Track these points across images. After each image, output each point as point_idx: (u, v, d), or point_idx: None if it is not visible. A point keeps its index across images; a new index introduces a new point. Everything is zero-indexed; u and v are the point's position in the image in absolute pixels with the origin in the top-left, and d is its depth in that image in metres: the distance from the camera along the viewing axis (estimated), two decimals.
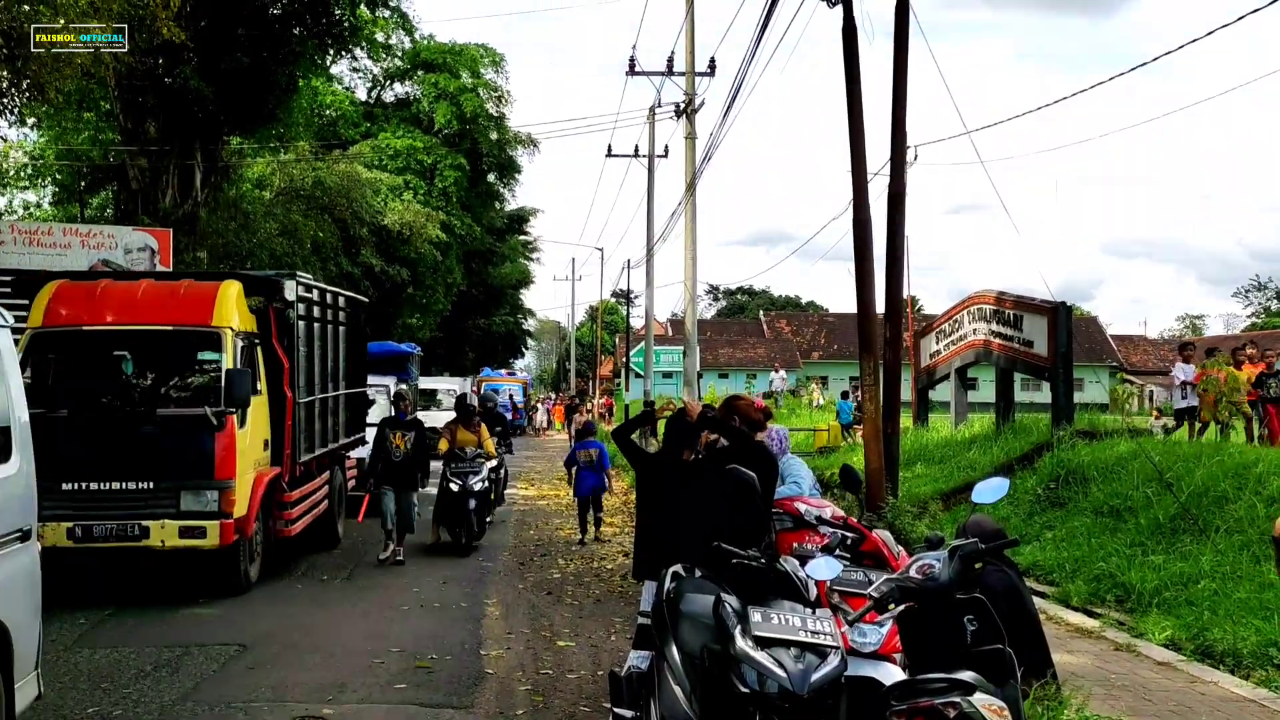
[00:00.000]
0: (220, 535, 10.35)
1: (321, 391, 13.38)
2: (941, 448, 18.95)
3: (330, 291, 14.40)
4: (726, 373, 66.94)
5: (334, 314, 14.20)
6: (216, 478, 10.41)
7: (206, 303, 11.03)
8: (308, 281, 13.00)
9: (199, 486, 10.37)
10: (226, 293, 11.20)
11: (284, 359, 11.94)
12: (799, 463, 7.73)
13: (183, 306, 11.09)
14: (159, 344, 11.34)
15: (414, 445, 13.42)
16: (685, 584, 5.50)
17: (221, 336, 10.83)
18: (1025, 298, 18.09)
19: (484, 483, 14.29)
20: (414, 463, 13.44)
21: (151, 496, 10.36)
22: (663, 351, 45.03)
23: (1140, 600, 9.79)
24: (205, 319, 10.92)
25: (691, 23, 26.67)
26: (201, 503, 10.36)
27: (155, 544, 10.31)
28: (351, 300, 15.71)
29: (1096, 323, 73.75)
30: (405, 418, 13.80)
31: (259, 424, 11.34)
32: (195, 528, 10.30)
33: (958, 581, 4.85)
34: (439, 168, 42.17)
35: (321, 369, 13.39)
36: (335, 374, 14.23)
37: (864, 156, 13.24)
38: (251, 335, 11.38)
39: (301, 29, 23.68)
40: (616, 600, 10.94)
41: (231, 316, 11.02)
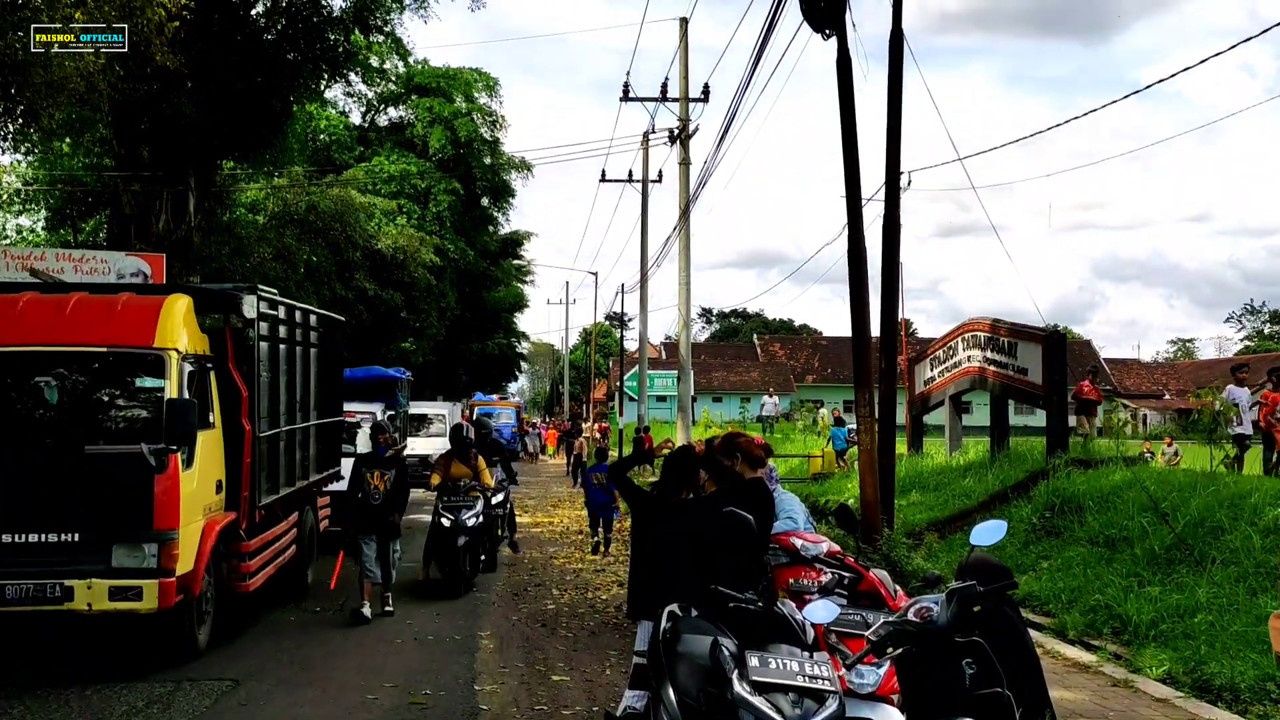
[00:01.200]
0: (159, 596, 8.73)
1: (289, 422, 11.97)
2: (936, 475, 18.93)
3: (299, 308, 12.86)
4: (720, 396, 67.01)
5: (304, 334, 12.85)
6: (155, 528, 8.80)
7: (148, 320, 9.43)
8: (271, 296, 11.41)
9: (134, 539, 8.79)
10: (172, 309, 9.61)
11: (242, 386, 10.41)
12: (792, 497, 7.71)
13: (120, 324, 9.45)
14: (90, 368, 9.48)
15: (394, 486, 11.79)
16: (682, 624, 5.47)
17: (165, 360, 9.22)
18: (1020, 325, 18.11)
19: (478, 518, 13.30)
20: (395, 506, 11.89)
21: (76, 551, 8.74)
22: (657, 375, 44.92)
23: (1137, 632, 9.75)
24: (146, 339, 9.30)
25: (685, 50, 26.78)
26: (137, 558, 8.77)
27: (80, 607, 8.67)
28: (325, 319, 14.33)
29: (1090, 346, 73.95)
30: (385, 453, 12.18)
31: (210, 462, 9.80)
32: (129, 588, 8.70)
33: (956, 624, 4.83)
34: (433, 192, 42.17)
35: (289, 396, 12.02)
36: (305, 402, 12.84)
37: (859, 188, 13.28)
38: (203, 359, 9.95)
39: (296, 54, 23.66)
40: (611, 633, 10.88)
41: (177, 336, 9.43)
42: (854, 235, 13.19)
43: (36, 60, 13.79)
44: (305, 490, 12.96)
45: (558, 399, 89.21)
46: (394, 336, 38.31)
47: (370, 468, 11.82)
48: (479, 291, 48.87)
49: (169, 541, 8.86)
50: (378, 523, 11.67)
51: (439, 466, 13.86)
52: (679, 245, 26.71)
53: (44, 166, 29.65)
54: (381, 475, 11.74)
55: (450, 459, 13.91)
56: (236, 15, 21.89)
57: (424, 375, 42.10)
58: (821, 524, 11.86)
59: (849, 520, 7.57)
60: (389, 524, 11.73)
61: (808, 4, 12.87)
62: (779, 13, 14.56)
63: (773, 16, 14.74)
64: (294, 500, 12.44)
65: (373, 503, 11.65)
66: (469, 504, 13.30)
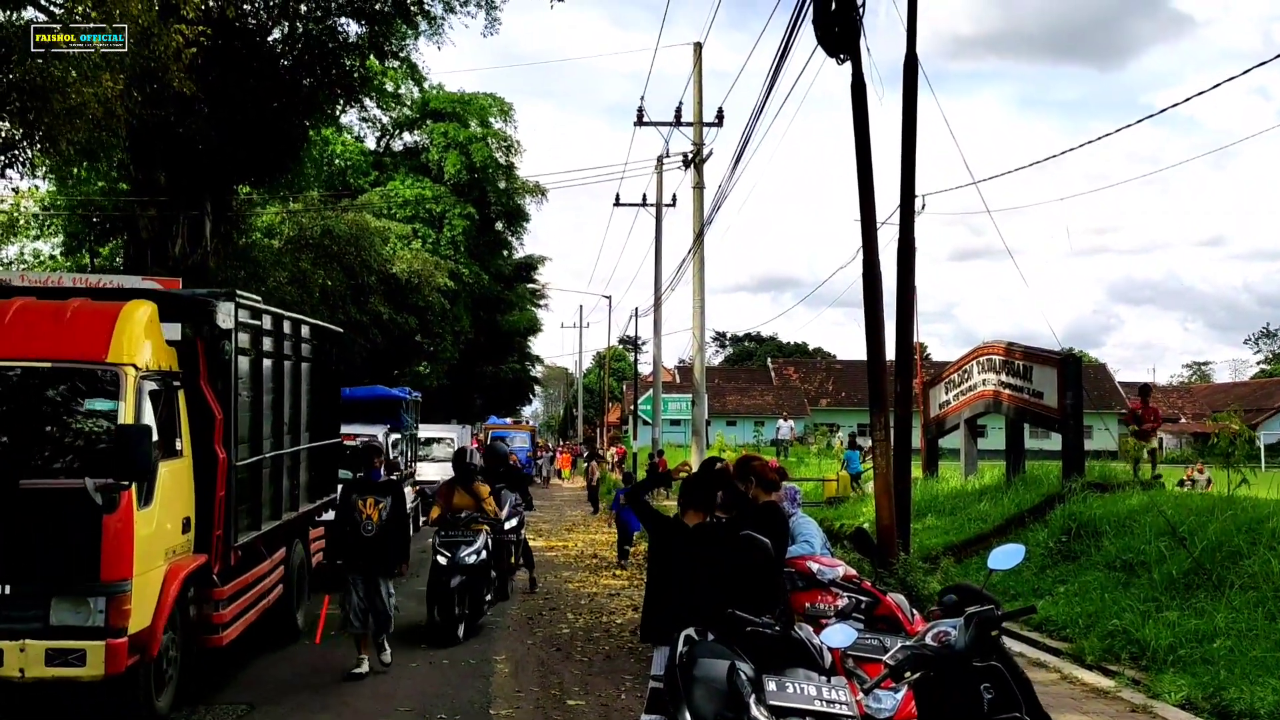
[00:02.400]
0: (107, 661, 7.27)
1: (274, 447, 10.64)
2: (952, 498, 18.87)
3: (287, 318, 11.46)
4: (734, 420, 66.90)
5: (293, 347, 11.49)
6: (103, 579, 7.33)
7: (101, 330, 8.02)
8: (252, 304, 10.05)
9: (77, 591, 7.34)
10: (130, 317, 8.21)
11: (216, 407, 9.00)
12: (809, 521, 7.72)
13: (68, 335, 8.06)
14: (30, 387, 7.98)
15: (390, 516, 10.15)
16: (699, 648, 5.46)
17: (119, 377, 7.81)
18: (1034, 349, 18.07)
19: (478, 554, 11.87)
20: (390, 540, 10.18)
21: (7, 606, 7.34)
22: (670, 399, 45.00)
23: (1155, 657, 9.69)
24: (97, 352, 7.89)
25: (699, 74, 26.87)
26: (80, 615, 7.32)
27: (11, 674, 7.26)
28: (319, 330, 12.83)
29: (1105, 369, 73.72)
30: (379, 478, 10.53)
31: (176, 498, 8.39)
32: (70, 651, 7.25)
33: (974, 649, 4.81)
34: (448, 216, 42.34)
35: (275, 418, 10.67)
36: (295, 423, 11.52)
37: (874, 212, 13.29)
38: (169, 375, 8.54)
39: (312, 80, 23.83)
40: (626, 657, 10.85)
41: (136, 349, 8.06)
42: (869, 259, 13.19)
43: (55, 86, 13.91)
44: (294, 523, 11.62)
45: (571, 423, 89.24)
46: (408, 360, 38.42)
47: (361, 494, 10.19)
48: (493, 315, 49.00)
49: (119, 594, 7.38)
50: (369, 558, 10.04)
51: (440, 497, 12.71)
52: (693, 269, 26.74)
53: (62, 191, 29.87)
54: (375, 503, 10.11)
55: (453, 488, 12.66)
56: (253, 41, 22.06)
57: (438, 399, 42.17)
58: (838, 548, 11.82)
59: (865, 544, 7.57)
60: (383, 558, 10.12)
61: (822, 29, 12.90)
62: (793, 38, 14.63)
63: (787, 41, 14.82)
64: (280, 535, 11.01)
65: (364, 534, 10.03)
66: (468, 539, 11.96)
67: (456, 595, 11.54)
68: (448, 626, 11.47)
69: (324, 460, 13.00)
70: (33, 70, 13.91)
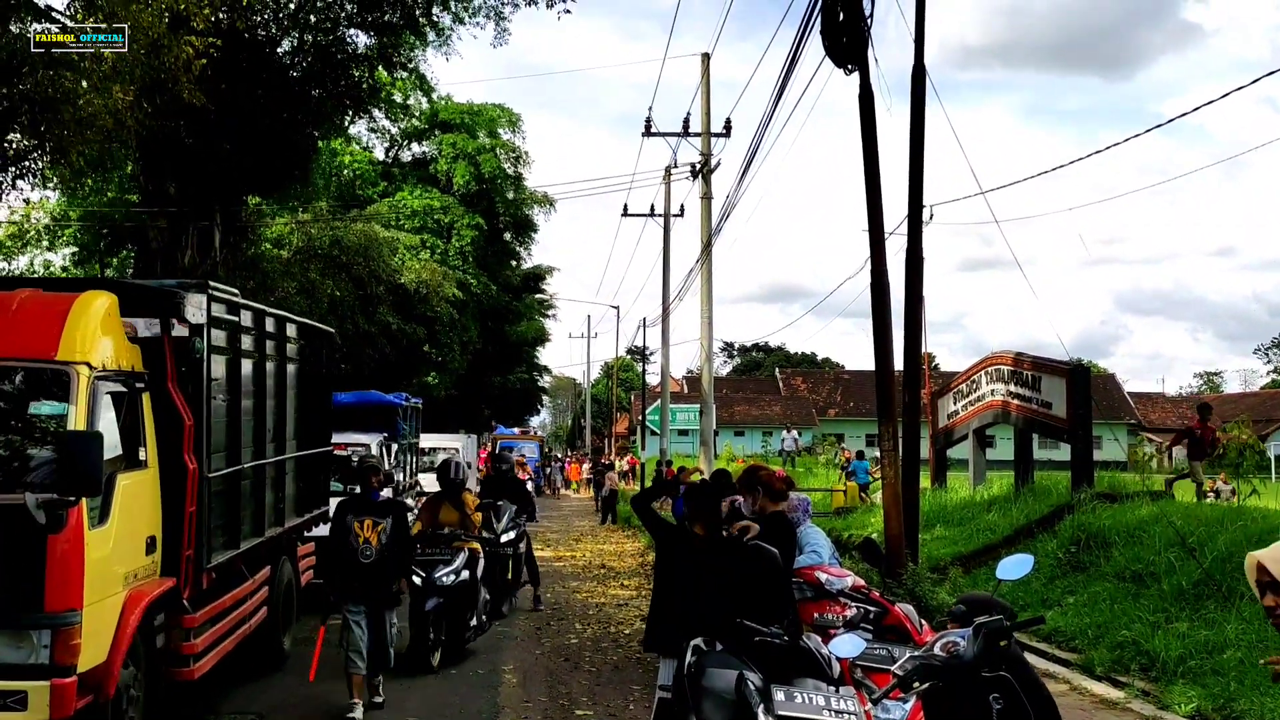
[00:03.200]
0: (52, 704, 6.38)
1: (255, 456, 9.71)
2: (960, 509, 18.84)
3: (270, 315, 10.46)
4: (742, 430, 66.88)
5: (277, 347, 10.56)
6: (48, 609, 6.42)
7: (51, 324, 7.17)
8: (228, 297, 9.11)
9: (16, 624, 6.44)
10: (85, 310, 7.34)
11: (185, 412, 8.01)
12: (818, 531, 7.71)
13: (14, 329, 7.21)
14: None
15: (391, 539, 9.11)
16: (707, 658, 5.46)
17: (70, 377, 6.94)
18: (1043, 359, 18.05)
19: (457, 575, 10.88)
20: (391, 566, 9.20)
21: None
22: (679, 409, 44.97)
23: (1165, 669, 9.66)
24: (46, 349, 7.05)
25: (707, 85, 26.91)
26: (20, 652, 6.41)
27: None
28: (307, 329, 11.95)
29: (1114, 380, 73.56)
30: (378, 497, 9.43)
31: (139, 514, 7.44)
32: (9, 693, 6.37)
33: (982, 659, 4.80)
34: (456, 227, 42.42)
35: (255, 424, 9.75)
36: (280, 430, 10.58)
37: (882, 222, 13.29)
38: (132, 376, 7.61)
39: (321, 91, 23.92)
40: (635, 667, 10.85)
41: (90, 346, 7.17)
42: (877, 269, 13.20)
43: (66, 98, 13.97)
44: (280, 539, 10.73)
45: (579, 433, 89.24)
46: (416, 370, 38.46)
47: (358, 515, 9.12)
48: (501, 325, 49.05)
49: (67, 627, 6.43)
50: (369, 588, 9.02)
51: (424, 512, 11.88)
52: (701, 279, 26.76)
53: (73, 203, 30.00)
54: (374, 525, 9.07)
55: (439, 503, 11.79)
56: (263, 53, 22.14)
57: (446, 409, 42.20)
58: (846, 558, 11.81)
59: (874, 553, 7.56)
60: (385, 589, 9.13)
61: (830, 40, 12.92)
62: (801, 49, 14.68)
63: (795, 52, 14.87)
64: (263, 553, 10.17)
65: (361, 561, 8.97)
66: (446, 557, 11.01)
67: (430, 619, 10.59)
68: (419, 653, 10.53)
69: (313, 470, 12.10)
70: (43, 82, 13.98)
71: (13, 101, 14.96)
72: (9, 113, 15.38)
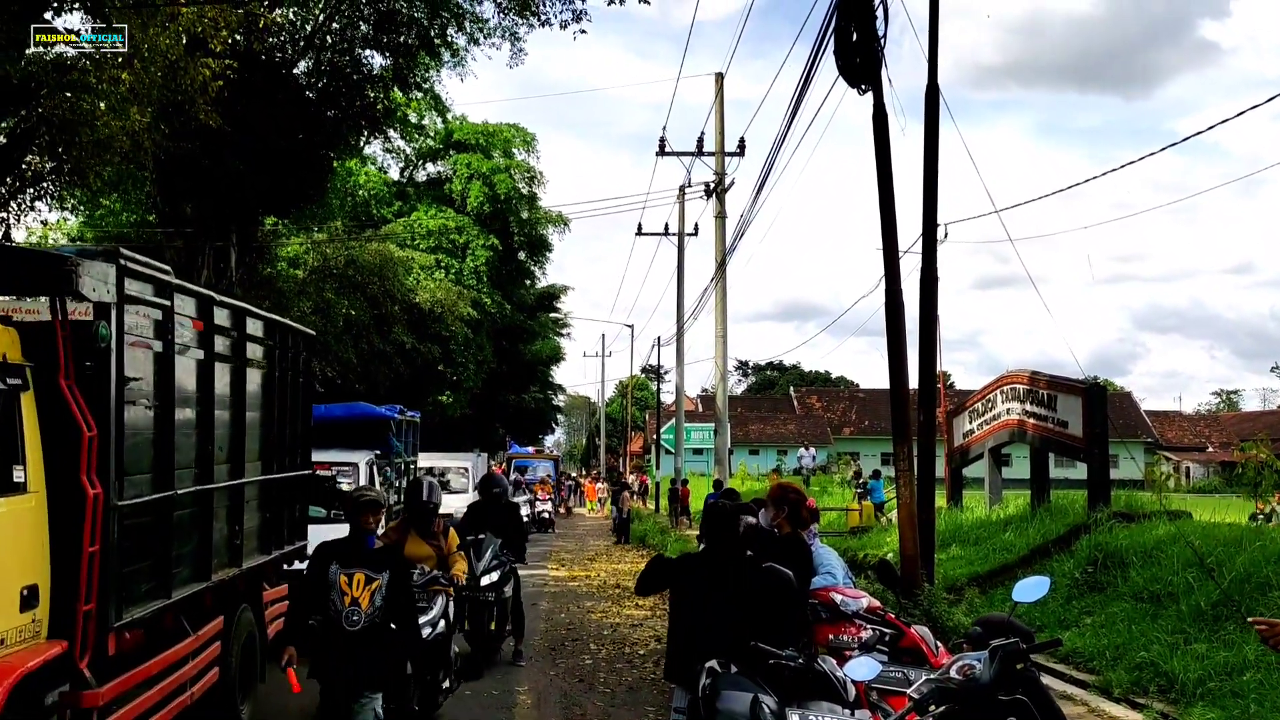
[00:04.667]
0: None
1: (201, 480, 7.73)
2: (976, 528, 18.76)
3: (223, 305, 8.45)
4: (757, 449, 66.80)
5: (235, 346, 8.63)
6: None
7: None
8: (153, 274, 6.87)
9: None
10: None
11: (84, 420, 5.99)
12: (830, 552, 7.68)
13: None
14: None
15: (388, 599, 6.61)
16: (722, 680, 5.44)
17: None
18: (1059, 377, 17.99)
19: (433, 627, 8.67)
20: (389, 637, 6.71)
21: None
22: (693, 428, 44.96)
23: (1184, 690, 9.57)
24: None
25: (721, 104, 26.98)
26: None
27: None
28: (278, 327, 10.03)
29: (1130, 398, 73.25)
30: (374, 544, 6.86)
31: (8, 556, 5.59)
32: None
33: (999, 682, 4.77)
34: (471, 246, 42.59)
35: (201, 440, 7.79)
36: (237, 448, 8.59)
37: (896, 241, 13.29)
38: (3, 370, 5.75)
39: (336, 111, 24.10)
40: (650, 688, 10.80)
41: None
42: (891, 288, 13.19)
43: (84, 120, 14.09)
44: (237, 582, 8.63)
45: (594, 452, 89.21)
46: (431, 389, 38.56)
47: (347, 567, 6.61)
48: (516, 345, 49.18)
49: None
50: (356, 664, 6.53)
51: None
52: (715, 298, 26.78)
53: (91, 223, 30.20)
54: (366, 581, 6.57)
55: (405, 532, 9.26)
56: (279, 74, 22.32)
57: (461, 428, 42.28)
58: (861, 578, 11.77)
59: (889, 575, 7.54)
60: (376, 667, 6.63)
61: (843, 61, 12.94)
62: (814, 68, 14.70)
63: (808, 72, 14.89)
64: (214, 602, 8.10)
65: (347, 628, 6.47)
66: (422, 604, 8.52)
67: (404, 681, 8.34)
68: None
69: (287, 497, 10.18)
70: (62, 104, 14.11)
71: (31, 123, 15.10)
72: (27, 134, 15.53)
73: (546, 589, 19.22)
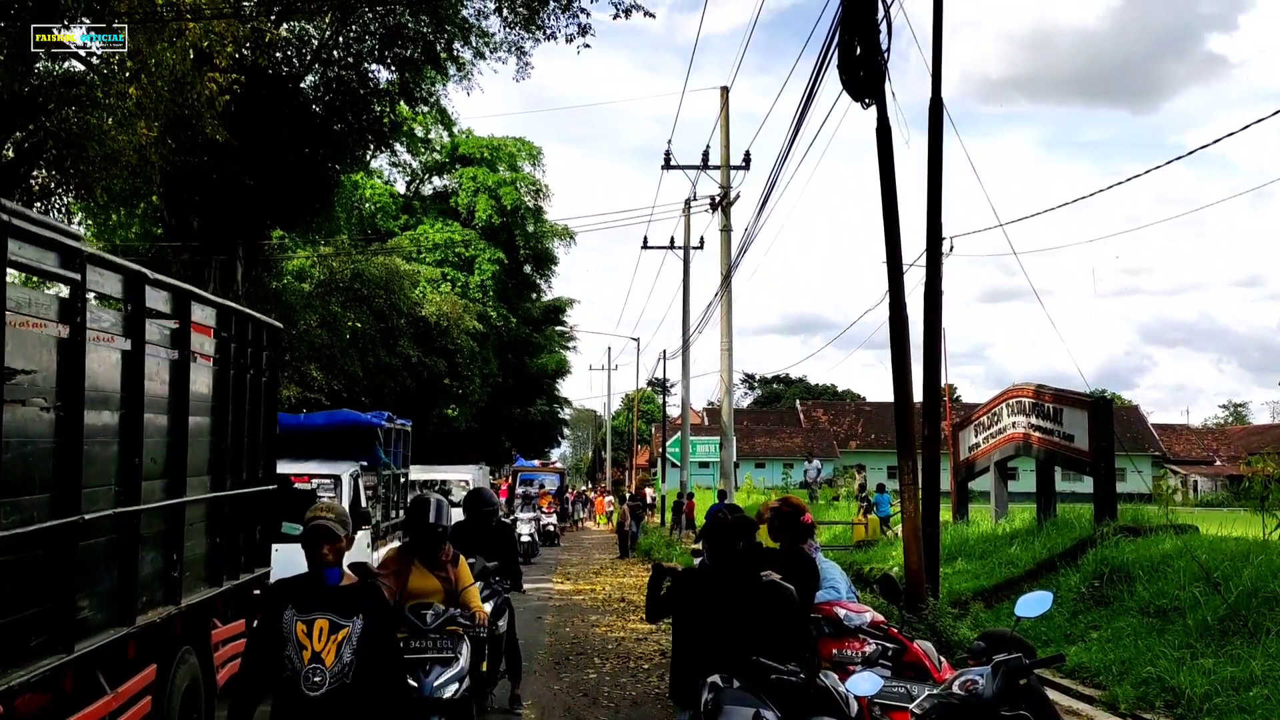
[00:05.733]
0: None
1: (124, 500, 6.32)
2: (982, 542, 18.72)
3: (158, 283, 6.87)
4: (763, 462, 66.74)
5: (175, 336, 7.25)
6: None
7: None
8: (49, 235, 5.43)
9: None
10: None
11: None
12: (834, 566, 7.67)
13: None
14: None
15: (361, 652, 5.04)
16: (724, 695, 5.43)
17: None
18: (1065, 391, 17.96)
19: (460, 683, 7.02)
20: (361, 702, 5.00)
21: None
22: (699, 441, 44.81)
23: (1191, 706, 9.53)
24: None
25: (726, 118, 27.02)
26: None
27: None
28: (232, 315, 8.59)
29: (1137, 412, 73.15)
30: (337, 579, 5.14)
31: None
32: None
33: (1002, 697, 4.75)
34: (477, 260, 42.69)
35: (124, 450, 6.35)
36: (175, 460, 7.15)
37: (900, 255, 13.29)
38: None
39: (343, 125, 24.18)
40: (654, 703, 10.78)
41: None
42: (895, 301, 13.18)
43: (91, 134, 14.15)
44: (173, 624, 7.10)
45: (600, 465, 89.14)
46: (437, 402, 38.61)
47: (305, 613, 5.05)
48: (522, 358, 49.24)
49: None
50: None
51: (386, 576, 7.30)
52: (721, 311, 26.79)
53: (99, 237, 30.30)
54: (330, 630, 5.01)
55: (408, 561, 7.56)
56: (286, 88, 22.40)
57: (467, 441, 42.30)
58: (865, 593, 11.74)
59: (893, 590, 7.51)
60: None
61: (847, 75, 12.96)
62: (818, 82, 14.73)
63: (813, 85, 14.92)
64: (137, 651, 6.54)
65: (308, 693, 4.91)
66: (444, 652, 7.05)
67: None
68: None
69: (244, 518, 8.78)
70: (69, 119, 14.17)
71: (38, 137, 15.17)
72: (35, 148, 15.60)
73: (551, 602, 19.21)
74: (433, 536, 7.56)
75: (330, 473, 13.13)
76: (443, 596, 7.39)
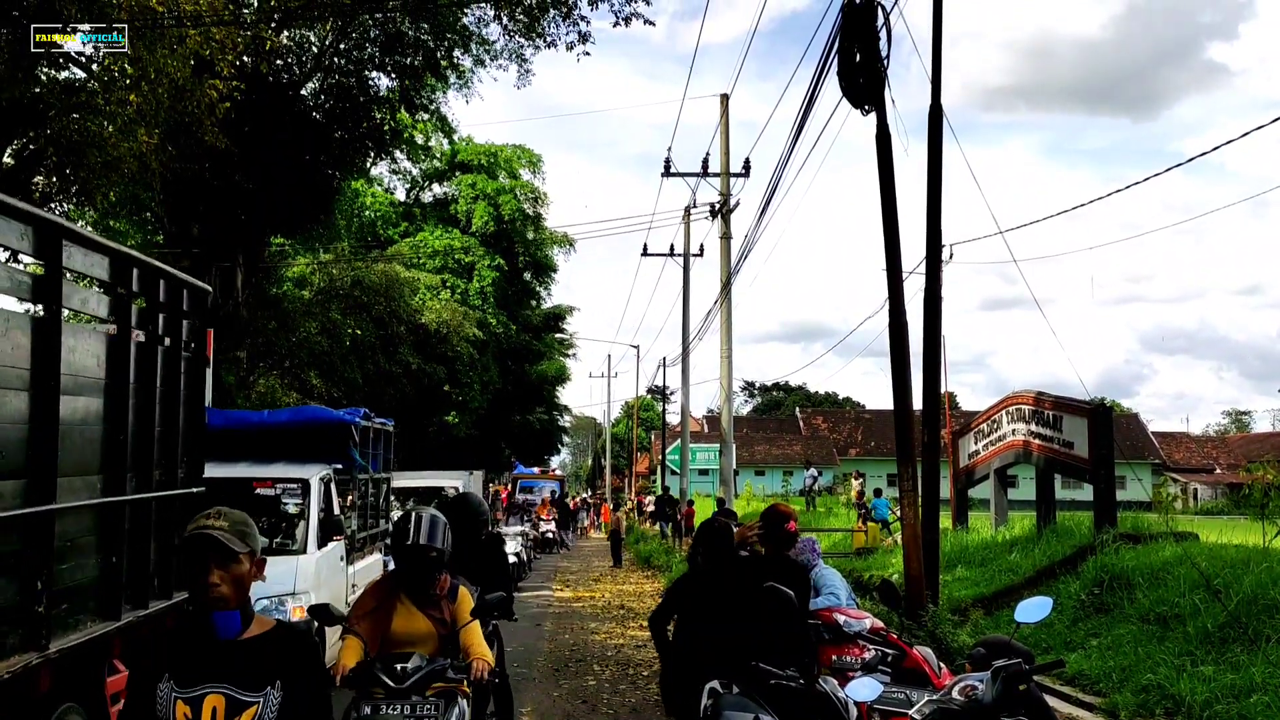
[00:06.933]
0: None
1: None
2: (982, 550, 18.71)
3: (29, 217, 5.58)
4: (763, 470, 66.71)
5: (41, 285, 5.77)
6: None
7: None
8: None
9: None
10: None
11: None
12: (833, 573, 7.67)
13: None
14: None
15: None
16: (723, 701, 5.42)
17: None
18: (1064, 398, 17.98)
19: None
20: None
21: None
22: (699, 449, 44.93)
23: (1191, 713, 9.51)
24: None
25: (726, 125, 27.03)
26: None
27: None
28: (133, 265, 6.89)
29: (1138, 419, 73.15)
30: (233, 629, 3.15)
31: None
32: None
33: (1001, 703, 4.75)
34: (477, 267, 42.70)
35: None
36: (41, 458, 5.57)
37: (900, 262, 13.30)
38: None
39: (343, 132, 24.21)
40: (653, 709, 10.76)
41: None
42: (895, 309, 13.19)
43: (92, 141, 14.15)
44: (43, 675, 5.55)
45: (600, 472, 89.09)
46: (437, 409, 38.59)
47: (184, 685, 3.12)
48: (521, 365, 49.21)
49: None
50: None
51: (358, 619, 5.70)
52: (720, 319, 26.77)
53: None
54: (229, 708, 3.10)
55: (390, 598, 5.80)
56: (286, 95, 22.43)
57: (466, 448, 42.26)
58: (865, 599, 11.74)
59: (893, 596, 7.52)
60: None
61: (847, 82, 12.97)
62: (818, 90, 14.74)
63: (813, 93, 14.93)
64: None
65: None
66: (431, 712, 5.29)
67: None
68: None
69: (158, 528, 7.26)
70: (70, 126, 14.17)
71: (39, 145, 15.18)
72: (36, 155, 15.61)
73: (551, 610, 19.19)
74: (422, 563, 5.73)
75: (298, 476, 11.50)
76: (435, 642, 5.65)
